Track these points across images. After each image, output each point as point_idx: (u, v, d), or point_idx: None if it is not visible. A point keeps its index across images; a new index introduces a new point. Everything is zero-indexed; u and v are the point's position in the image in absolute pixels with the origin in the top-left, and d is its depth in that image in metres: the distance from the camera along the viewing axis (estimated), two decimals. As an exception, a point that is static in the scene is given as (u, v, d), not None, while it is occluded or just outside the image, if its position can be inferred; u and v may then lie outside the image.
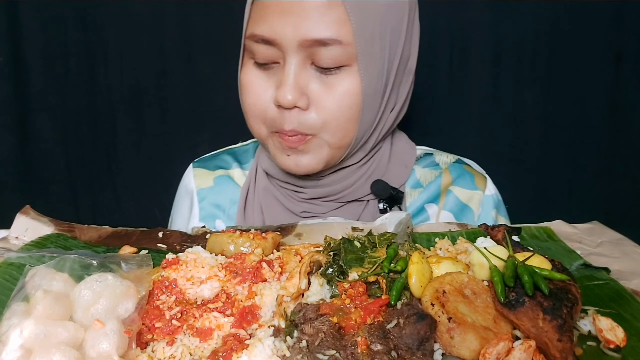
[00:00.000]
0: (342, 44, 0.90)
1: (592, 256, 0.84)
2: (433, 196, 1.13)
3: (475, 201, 1.12)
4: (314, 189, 1.09)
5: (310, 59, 0.93)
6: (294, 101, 0.93)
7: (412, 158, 1.16)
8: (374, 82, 0.96)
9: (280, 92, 0.93)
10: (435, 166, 1.16)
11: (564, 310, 0.59)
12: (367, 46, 0.93)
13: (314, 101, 0.95)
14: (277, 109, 0.96)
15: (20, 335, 0.57)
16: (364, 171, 1.09)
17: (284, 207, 1.13)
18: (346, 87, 0.94)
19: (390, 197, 1.09)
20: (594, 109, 1.67)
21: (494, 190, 1.15)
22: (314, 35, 0.89)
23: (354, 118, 0.97)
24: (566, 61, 1.64)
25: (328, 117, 0.95)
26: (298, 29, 0.90)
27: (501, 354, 0.58)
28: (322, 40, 0.90)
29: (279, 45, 0.92)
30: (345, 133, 0.98)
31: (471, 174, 1.15)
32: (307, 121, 0.95)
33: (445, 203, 1.12)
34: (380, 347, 0.60)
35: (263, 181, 1.16)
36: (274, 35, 0.92)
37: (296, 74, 0.93)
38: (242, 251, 0.79)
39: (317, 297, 0.69)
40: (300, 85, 0.93)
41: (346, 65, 0.93)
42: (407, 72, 1.04)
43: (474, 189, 1.13)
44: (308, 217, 1.09)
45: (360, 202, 1.11)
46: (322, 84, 0.94)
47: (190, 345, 0.65)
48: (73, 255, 0.71)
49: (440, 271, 0.70)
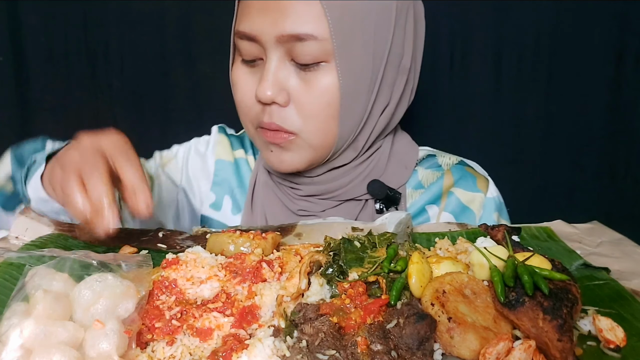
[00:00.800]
0: (318, 40, 0.92)
1: (592, 256, 0.84)
2: (434, 197, 1.13)
3: (477, 203, 1.12)
4: (309, 186, 1.10)
5: (289, 55, 0.95)
6: (272, 97, 0.94)
7: (413, 159, 1.15)
8: (354, 79, 0.96)
9: (260, 88, 0.95)
10: (438, 167, 1.16)
11: (564, 310, 0.59)
12: (344, 42, 0.93)
13: (293, 97, 0.96)
14: (259, 105, 0.98)
15: (20, 335, 0.57)
16: (360, 170, 1.09)
17: (282, 204, 1.13)
18: (324, 84, 0.95)
19: (386, 198, 1.08)
20: (595, 109, 1.68)
21: (495, 193, 1.15)
22: (291, 31, 0.91)
23: (333, 116, 0.97)
24: (567, 61, 1.64)
25: (307, 114, 0.97)
26: (276, 25, 0.92)
27: (501, 354, 0.58)
28: (298, 36, 0.91)
29: (260, 41, 0.95)
30: (325, 132, 0.99)
31: (473, 176, 1.15)
32: (286, 118, 0.97)
33: (447, 204, 1.12)
34: (380, 347, 0.60)
35: (263, 176, 1.17)
36: (255, 31, 0.94)
37: (275, 70, 0.95)
38: (242, 251, 0.79)
39: (317, 297, 0.69)
40: (280, 81, 0.95)
41: (324, 62, 0.94)
42: (401, 70, 1.03)
43: (475, 191, 1.13)
44: (305, 216, 1.10)
45: (357, 202, 1.11)
46: (301, 80, 0.96)
47: (190, 345, 0.65)
48: (73, 255, 0.71)
49: (440, 271, 0.70)
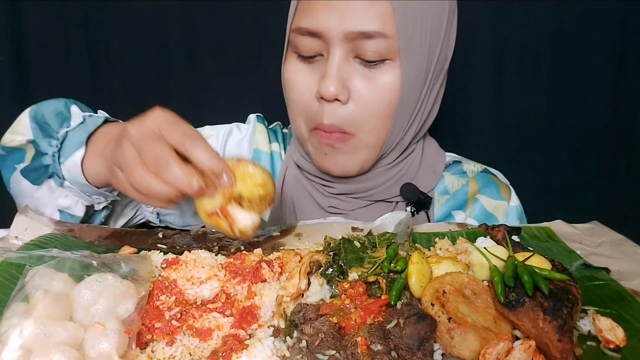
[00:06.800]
0: (386, 37, 0.93)
1: (592, 256, 0.84)
2: (460, 203, 1.14)
3: (501, 211, 1.13)
4: (344, 184, 1.10)
5: (353, 52, 0.95)
6: (336, 93, 0.94)
7: (441, 165, 1.17)
8: (412, 78, 0.98)
9: (323, 84, 0.95)
10: (463, 174, 1.18)
11: (564, 311, 0.59)
12: (409, 41, 0.95)
13: (354, 95, 0.96)
14: (318, 103, 0.98)
15: (20, 335, 0.57)
16: (394, 172, 1.10)
17: (312, 200, 1.14)
18: (387, 82, 0.96)
19: (418, 201, 1.10)
20: (596, 110, 1.68)
21: (517, 202, 1.17)
22: (359, 28, 0.92)
23: (390, 115, 0.99)
24: (569, 63, 1.64)
25: (366, 112, 0.97)
26: (343, 21, 0.92)
27: (501, 354, 0.58)
28: (367, 33, 0.92)
29: (324, 37, 0.95)
30: (380, 131, 1.00)
31: (497, 184, 1.16)
32: (346, 117, 0.97)
33: (472, 211, 1.13)
34: (380, 347, 0.60)
35: (293, 170, 1.17)
36: (320, 27, 0.94)
37: (339, 66, 0.95)
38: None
39: (317, 297, 0.69)
40: (343, 78, 0.95)
41: (389, 60, 0.95)
42: (443, 73, 1.06)
43: (499, 199, 1.14)
44: (335, 213, 1.10)
45: (388, 203, 1.12)
46: (364, 77, 0.96)
47: (190, 346, 0.65)
48: (73, 255, 0.71)
49: (440, 271, 0.70)
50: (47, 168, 0.91)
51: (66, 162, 0.90)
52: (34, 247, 0.83)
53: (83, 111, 0.96)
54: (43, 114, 0.95)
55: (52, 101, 0.97)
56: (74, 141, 0.90)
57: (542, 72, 1.66)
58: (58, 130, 0.92)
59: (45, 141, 0.92)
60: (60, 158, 0.91)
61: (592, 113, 1.68)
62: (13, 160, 0.94)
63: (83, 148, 0.89)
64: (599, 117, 1.68)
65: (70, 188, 0.92)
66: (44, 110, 0.96)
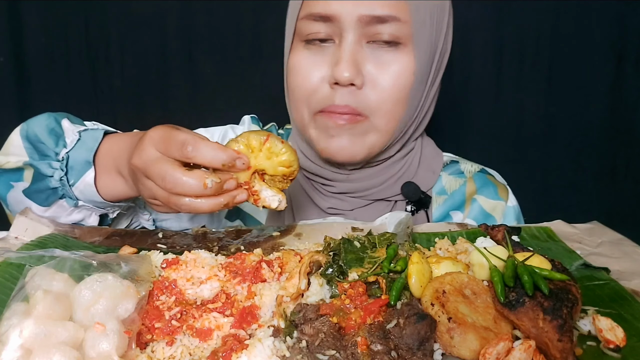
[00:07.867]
0: (399, 21, 0.94)
1: (592, 256, 0.84)
2: (458, 204, 1.15)
3: (499, 211, 1.14)
4: (344, 183, 1.10)
5: (366, 37, 0.96)
6: (351, 78, 0.94)
7: (439, 164, 1.17)
8: (424, 64, 0.99)
9: (338, 69, 0.95)
10: (460, 174, 1.18)
11: (564, 311, 0.59)
12: (420, 26, 0.96)
13: (368, 79, 0.97)
14: (329, 87, 0.98)
15: (20, 335, 0.57)
16: (394, 171, 1.11)
17: (310, 200, 1.13)
18: (401, 66, 0.97)
19: (418, 200, 1.10)
20: (595, 109, 1.68)
21: (515, 202, 1.17)
22: (373, 12, 0.93)
23: (403, 100, 0.99)
24: (568, 62, 1.64)
25: (381, 96, 0.98)
26: (357, 6, 0.93)
27: (501, 354, 0.58)
28: (381, 17, 0.93)
29: (338, 21, 0.95)
30: (393, 116, 1.01)
31: (494, 185, 1.17)
32: (361, 100, 0.97)
33: (470, 211, 1.14)
34: (380, 347, 0.60)
35: None
36: (333, 11, 0.95)
37: (353, 51, 0.95)
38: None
39: (317, 297, 0.69)
40: (357, 63, 0.96)
41: (401, 44, 0.96)
42: (442, 68, 1.07)
43: (497, 199, 1.15)
44: (334, 214, 1.10)
45: (387, 202, 1.12)
46: (377, 62, 0.97)
47: (189, 346, 0.65)
48: (73, 255, 0.71)
49: (440, 271, 0.70)
50: (54, 191, 0.90)
51: (77, 184, 0.89)
52: (34, 247, 0.83)
53: (73, 123, 0.93)
54: (35, 132, 0.91)
55: (41, 117, 0.93)
56: (79, 162, 0.88)
57: (541, 72, 1.67)
58: (54, 149, 0.90)
59: (44, 164, 0.89)
60: (70, 180, 0.89)
61: (591, 113, 1.68)
62: (9, 178, 0.92)
63: (92, 169, 0.88)
64: (598, 116, 1.68)
65: (85, 206, 0.92)
66: (35, 128, 0.92)
